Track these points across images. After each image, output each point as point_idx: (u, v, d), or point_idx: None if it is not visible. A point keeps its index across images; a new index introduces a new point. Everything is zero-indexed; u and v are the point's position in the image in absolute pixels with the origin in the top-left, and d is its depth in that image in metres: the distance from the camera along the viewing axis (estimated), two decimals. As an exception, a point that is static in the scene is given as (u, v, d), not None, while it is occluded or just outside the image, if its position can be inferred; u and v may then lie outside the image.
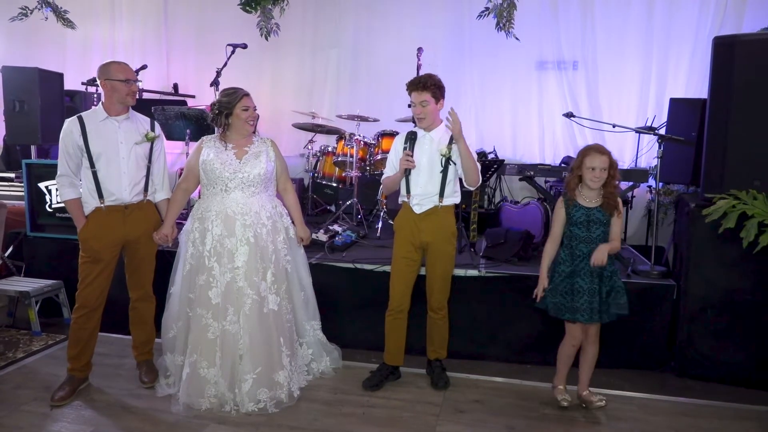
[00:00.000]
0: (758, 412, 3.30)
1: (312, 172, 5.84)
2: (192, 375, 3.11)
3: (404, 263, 3.37)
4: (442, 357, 3.55)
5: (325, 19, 6.54)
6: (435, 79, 3.23)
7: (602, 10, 5.87)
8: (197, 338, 3.14)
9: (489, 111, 6.22)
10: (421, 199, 3.30)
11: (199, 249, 3.18)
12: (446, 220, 3.33)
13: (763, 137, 3.52)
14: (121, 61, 3.27)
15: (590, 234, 3.03)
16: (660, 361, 3.85)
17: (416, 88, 3.21)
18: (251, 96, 3.25)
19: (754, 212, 3.40)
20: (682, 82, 5.68)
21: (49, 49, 6.85)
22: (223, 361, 3.12)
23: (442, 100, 3.28)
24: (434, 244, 3.32)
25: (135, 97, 3.24)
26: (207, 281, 3.15)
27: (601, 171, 2.97)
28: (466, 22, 6.06)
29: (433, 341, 3.52)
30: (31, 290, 4.22)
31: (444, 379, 3.49)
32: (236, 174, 3.17)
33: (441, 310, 3.43)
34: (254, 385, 3.11)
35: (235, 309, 3.13)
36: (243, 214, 3.17)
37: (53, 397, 3.19)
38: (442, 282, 3.39)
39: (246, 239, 3.15)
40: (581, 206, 3.05)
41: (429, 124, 3.29)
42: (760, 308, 3.60)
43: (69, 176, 3.18)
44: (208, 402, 3.09)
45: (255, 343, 3.13)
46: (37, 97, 4.95)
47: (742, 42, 3.58)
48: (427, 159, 3.28)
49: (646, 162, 5.56)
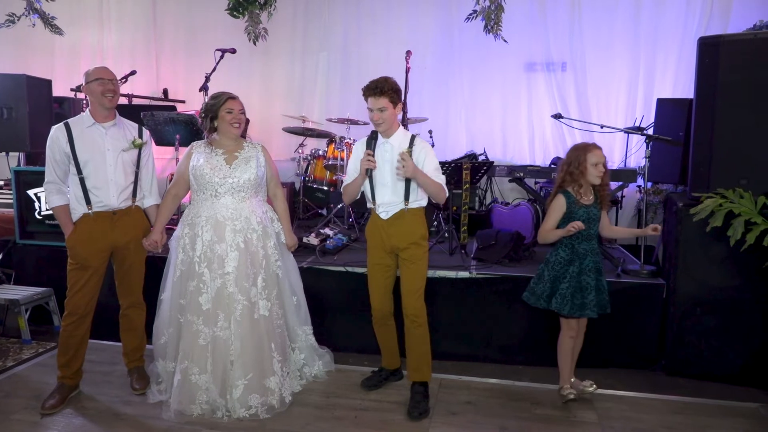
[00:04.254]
0: (747, 409, 3.33)
1: (303, 175, 5.84)
2: (183, 381, 3.10)
3: (378, 269, 3.28)
4: (425, 379, 3.26)
5: (315, 23, 6.56)
6: (391, 82, 3.10)
7: (590, 12, 5.92)
8: (188, 345, 3.13)
9: (479, 113, 6.25)
10: (387, 206, 3.21)
11: (189, 255, 3.17)
12: (414, 223, 3.21)
13: (748, 136, 3.55)
14: (100, 65, 3.26)
15: (590, 231, 3.10)
16: (650, 360, 3.88)
17: (373, 93, 3.07)
18: (239, 99, 3.23)
19: (740, 210, 3.43)
20: (669, 82, 5.73)
21: (37, 56, 6.82)
22: (215, 367, 3.11)
23: (400, 104, 3.17)
24: (404, 249, 3.20)
25: (112, 98, 3.17)
26: (197, 287, 3.13)
27: (602, 166, 3.07)
28: (455, 24, 6.09)
29: (412, 357, 3.23)
30: (21, 298, 4.20)
31: (420, 409, 3.15)
32: (226, 179, 3.16)
33: (417, 318, 3.17)
34: (245, 391, 3.10)
35: (225, 315, 3.12)
36: (233, 220, 3.16)
37: (44, 405, 3.17)
38: (415, 285, 3.19)
39: (236, 244, 3.13)
40: (582, 204, 3.11)
41: (387, 129, 3.16)
42: (748, 306, 3.63)
43: (56, 183, 3.17)
44: (199, 408, 3.09)
45: (246, 349, 3.12)
46: (25, 103, 4.93)
47: (727, 42, 3.61)
48: (389, 166, 3.16)
49: (635, 162, 5.59)
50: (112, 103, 3.19)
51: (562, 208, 3.11)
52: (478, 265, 4.17)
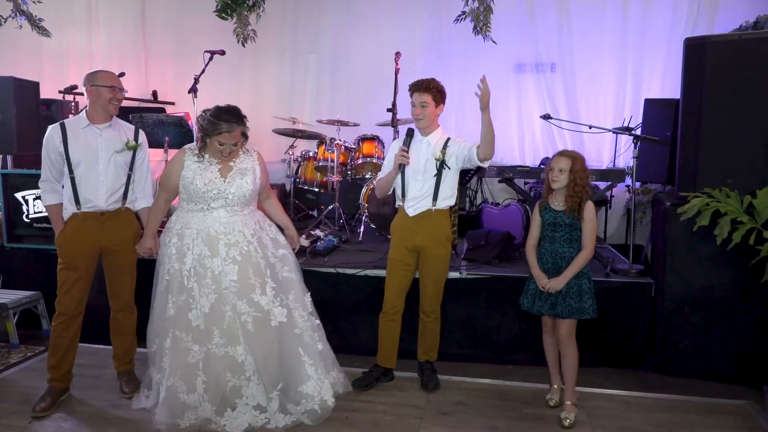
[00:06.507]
0: (735, 407, 3.36)
1: (293, 177, 5.84)
2: (168, 398, 2.95)
3: (399, 266, 3.39)
4: (433, 359, 3.58)
5: (304, 24, 6.56)
6: (437, 83, 3.30)
7: (578, 13, 5.96)
8: (176, 362, 2.97)
9: (468, 114, 6.23)
10: (415, 202, 3.33)
11: (175, 266, 3.02)
12: (440, 224, 3.35)
13: (734, 136, 3.59)
14: (108, 70, 3.27)
15: (554, 234, 3.12)
16: (639, 359, 3.90)
17: (418, 89, 3.28)
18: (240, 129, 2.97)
19: (727, 210, 3.46)
20: (657, 82, 5.78)
21: (24, 58, 6.76)
22: (208, 385, 2.95)
23: (442, 105, 3.33)
24: (428, 248, 3.34)
25: (117, 107, 3.23)
26: (186, 302, 2.98)
27: (558, 172, 3.04)
28: (444, 26, 6.11)
29: (424, 343, 3.54)
30: (9, 302, 4.16)
31: (434, 381, 3.52)
32: (220, 194, 3.01)
33: (432, 313, 3.45)
34: (282, 401, 3.01)
35: (222, 332, 2.96)
36: (226, 234, 3.01)
37: (35, 408, 3.15)
38: (435, 286, 3.41)
39: (232, 258, 2.99)
40: (551, 209, 3.13)
41: (426, 126, 3.33)
42: (735, 304, 3.67)
43: (51, 182, 3.19)
44: (188, 422, 2.95)
45: (269, 360, 2.99)
46: (13, 106, 4.87)
47: (713, 43, 3.64)
48: (423, 163, 3.31)
49: (624, 162, 5.63)
50: (116, 111, 3.24)
51: (536, 217, 3.20)
52: (468, 266, 4.19)
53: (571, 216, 3.05)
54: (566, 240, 3.09)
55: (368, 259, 4.25)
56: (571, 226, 3.07)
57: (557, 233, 3.11)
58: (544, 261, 3.15)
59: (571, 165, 3.02)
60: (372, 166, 5.39)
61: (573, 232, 3.08)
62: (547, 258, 3.13)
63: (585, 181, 3.04)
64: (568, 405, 3.15)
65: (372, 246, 4.76)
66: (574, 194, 3.03)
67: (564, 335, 3.11)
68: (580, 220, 3.05)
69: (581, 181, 3.02)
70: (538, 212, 3.19)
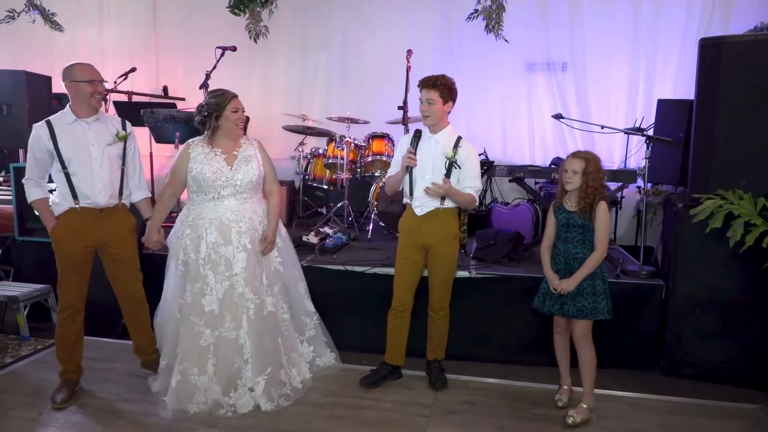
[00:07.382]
0: (745, 410, 3.33)
1: (303, 174, 5.83)
2: (182, 381, 3.09)
3: (406, 264, 3.39)
4: (440, 358, 3.58)
5: (314, 21, 6.54)
6: (446, 79, 3.24)
7: (590, 12, 5.91)
8: (189, 345, 3.12)
9: (479, 113, 6.24)
10: (423, 201, 3.31)
11: (191, 256, 3.16)
12: (448, 223, 3.34)
13: (748, 138, 3.56)
14: (85, 62, 3.19)
15: (568, 234, 3.11)
16: (649, 361, 3.88)
17: (425, 85, 3.23)
18: (239, 98, 3.22)
19: (740, 212, 3.43)
20: (670, 83, 5.72)
21: (37, 52, 6.78)
22: (218, 367, 3.11)
23: (451, 103, 3.28)
24: (435, 247, 3.33)
25: (101, 100, 3.18)
26: (201, 289, 3.13)
27: (572, 173, 3.03)
28: (455, 24, 6.07)
29: (432, 341, 3.55)
30: (20, 295, 4.18)
31: (442, 380, 3.51)
32: (228, 182, 3.15)
33: (441, 311, 3.45)
34: (267, 385, 3.16)
35: (233, 316, 3.13)
36: (237, 221, 3.16)
37: (54, 400, 3.18)
38: (443, 284, 3.41)
39: (243, 246, 3.15)
40: (564, 210, 3.12)
41: (434, 124, 3.29)
42: (746, 307, 3.64)
43: (34, 180, 3.15)
44: (197, 407, 3.07)
45: (263, 345, 3.17)
46: (25, 100, 4.91)
47: (728, 43, 3.61)
48: (432, 161, 3.27)
49: (636, 163, 5.59)
50: (99, 105, 3.18)
51: (551, 217, 3.19)
52: (477, 265, 4.17)
53: (582, 217, 3.04)
54: (579, 241, 3.08)
55: (377, 257, 4.24)
56: (583, 227, 3.06)
57: (570, 234, 3.10)
58: (557, 261, 3.14)
59: (584, 167, 3.00)
60: (381, 163, 5.37)
61: (586, 233, 3.07)
62: (560, 258, 3.12)
63: (598, 183, 3.02)
64: (582, 407, 3.12)
65: (381, 244, 4.76)
66: (586, 196, 3.01)
67: (578, 336, 3.10)
68: (591, 221, 3.04)
69: (594, 182, 3.00)
70: (553, 213, 3.19)
